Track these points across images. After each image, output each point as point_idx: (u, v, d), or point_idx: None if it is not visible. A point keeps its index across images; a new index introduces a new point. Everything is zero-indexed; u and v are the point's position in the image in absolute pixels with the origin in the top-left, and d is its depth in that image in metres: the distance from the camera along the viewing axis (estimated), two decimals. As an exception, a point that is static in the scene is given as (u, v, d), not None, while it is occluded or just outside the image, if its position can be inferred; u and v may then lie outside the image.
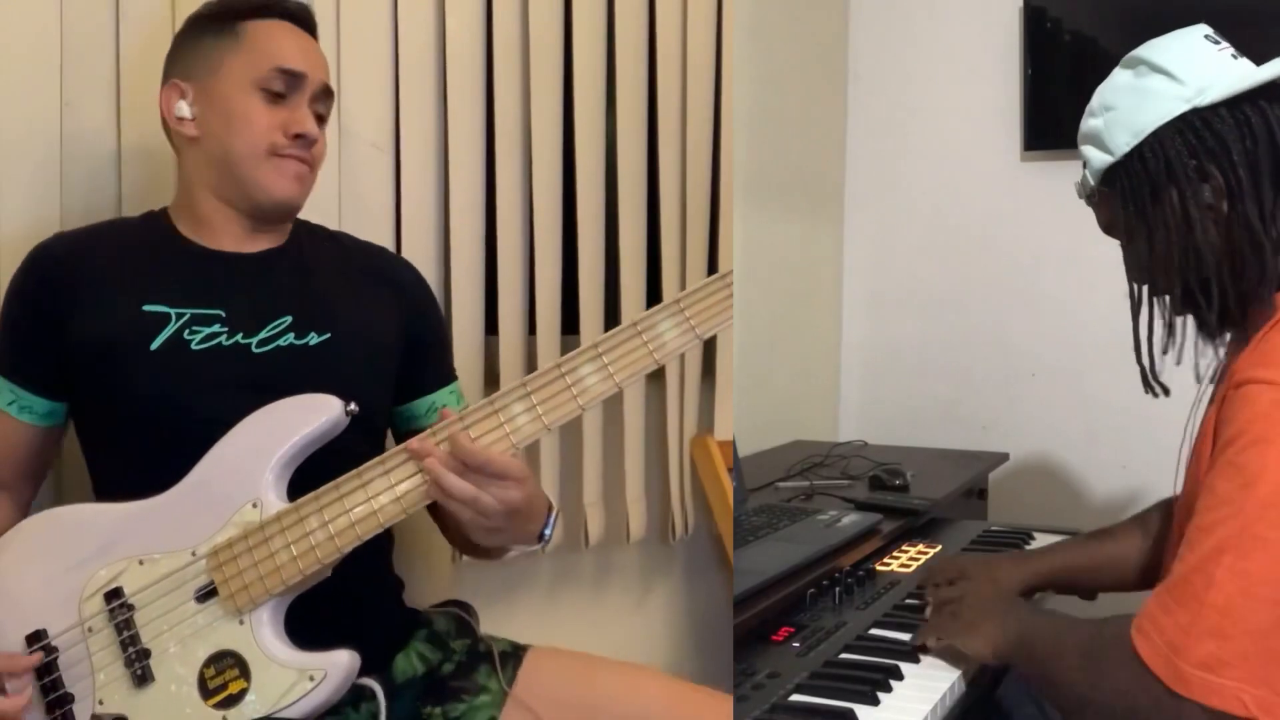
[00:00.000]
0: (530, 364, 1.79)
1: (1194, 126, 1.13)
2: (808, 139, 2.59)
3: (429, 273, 1.61)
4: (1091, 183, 1.24)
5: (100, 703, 1.14)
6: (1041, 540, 1.77)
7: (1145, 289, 1.22)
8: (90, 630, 1.16)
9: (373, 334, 1.33)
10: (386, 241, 1.65)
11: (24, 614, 1.17)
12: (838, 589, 1.41)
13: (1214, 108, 1.13)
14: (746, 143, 2.21)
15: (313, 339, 1.27)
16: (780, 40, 2.40)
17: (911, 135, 2.66)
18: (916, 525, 1.75)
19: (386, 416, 1.39)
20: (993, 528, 1.83)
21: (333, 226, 1.50)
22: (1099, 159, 1.21)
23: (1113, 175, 1.20)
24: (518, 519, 1.16)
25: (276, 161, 1.27)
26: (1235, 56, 1.17)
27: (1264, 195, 1.11)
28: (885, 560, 1.60)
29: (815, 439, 2.43)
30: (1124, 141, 1.17)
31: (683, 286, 1.88)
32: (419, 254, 1.68)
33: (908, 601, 1.42)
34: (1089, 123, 1.23)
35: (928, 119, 2.64)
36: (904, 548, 1.67)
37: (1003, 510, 2.28)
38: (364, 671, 1.17)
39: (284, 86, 1.27)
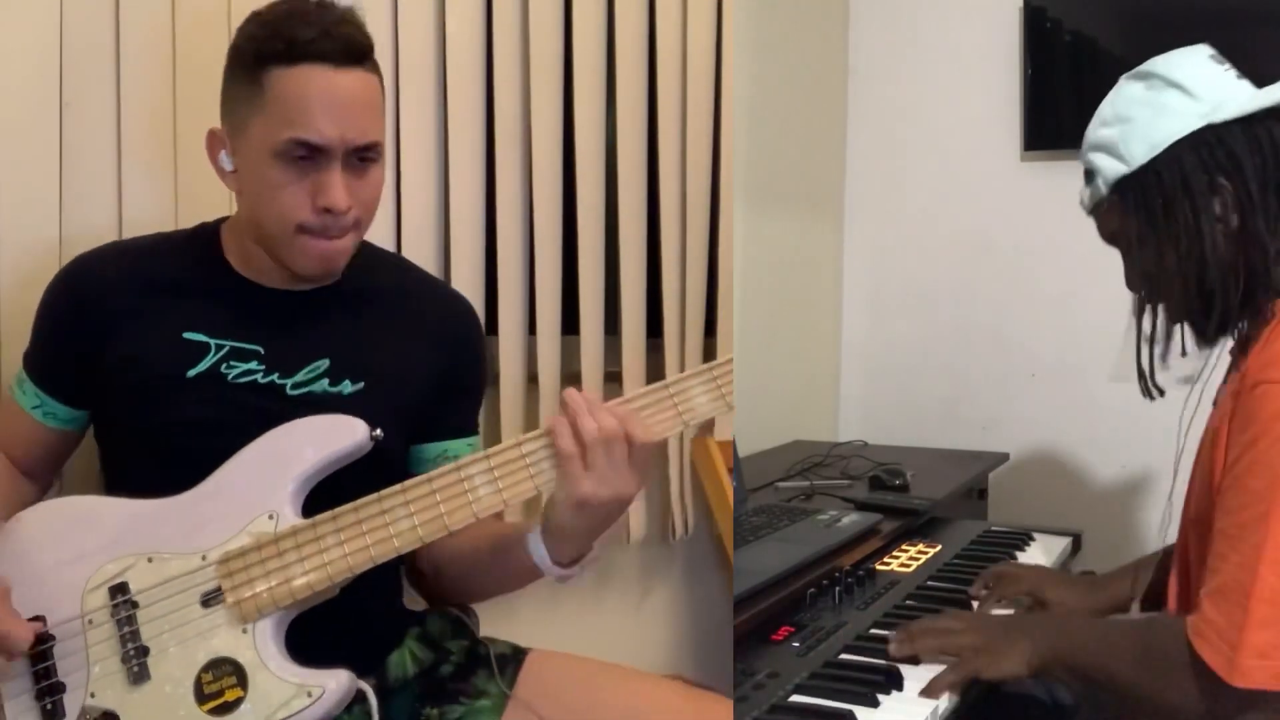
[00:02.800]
0: (530, 364, 1.80)
1: (1208, 142, 1.16)
2: (808, 139, 2.59)
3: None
4: (1103, 190, 1.24)
5: (92, 695, 1.13)
6: (1041, 540, 1.77)
7: (1142, 296, 1.24)
8: (91, 623, 1.15)
9: (406, 386, 1.29)
10: (387, 241, 1.65)
11: (24, 598, 1.15)
12: (838, 589, 1.41)
13: (1227, 125, 1.15)
14: (746, 143, 2.21)
15: (346, 388, 1.25)
16: (780, 40, 2.40)
17: (911, 135, 2.66)
18: (916, 525, 1.75)
19: (404, 461, 1.35)
20: (993, 528, 1.83)
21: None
22: (1112, 168, 1.22)
23: (1125, 185, 1.21)
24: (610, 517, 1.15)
25: (303, 241, 1.20)
26: (1239, 76, 1.20)
27: (1270, 210, 1.15)
28: (885, 560, 1.60)
29: (815, 439, 2.43)
30: (1140, 153, 1.19)
31: (683, 287, 1.88)
32: (419, 254, 1.68)
33: (908, 602, 1.43)
34: (1101, 132, 1.23)
35: (928, 119, 2.64)
36: (904, 548, 1.67)
37: (1003, 510, 2.28)
38: (358, 671, 1.16)
39: (307, 154, 1.16)
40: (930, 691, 1.14)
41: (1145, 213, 1.20)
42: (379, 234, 1.62)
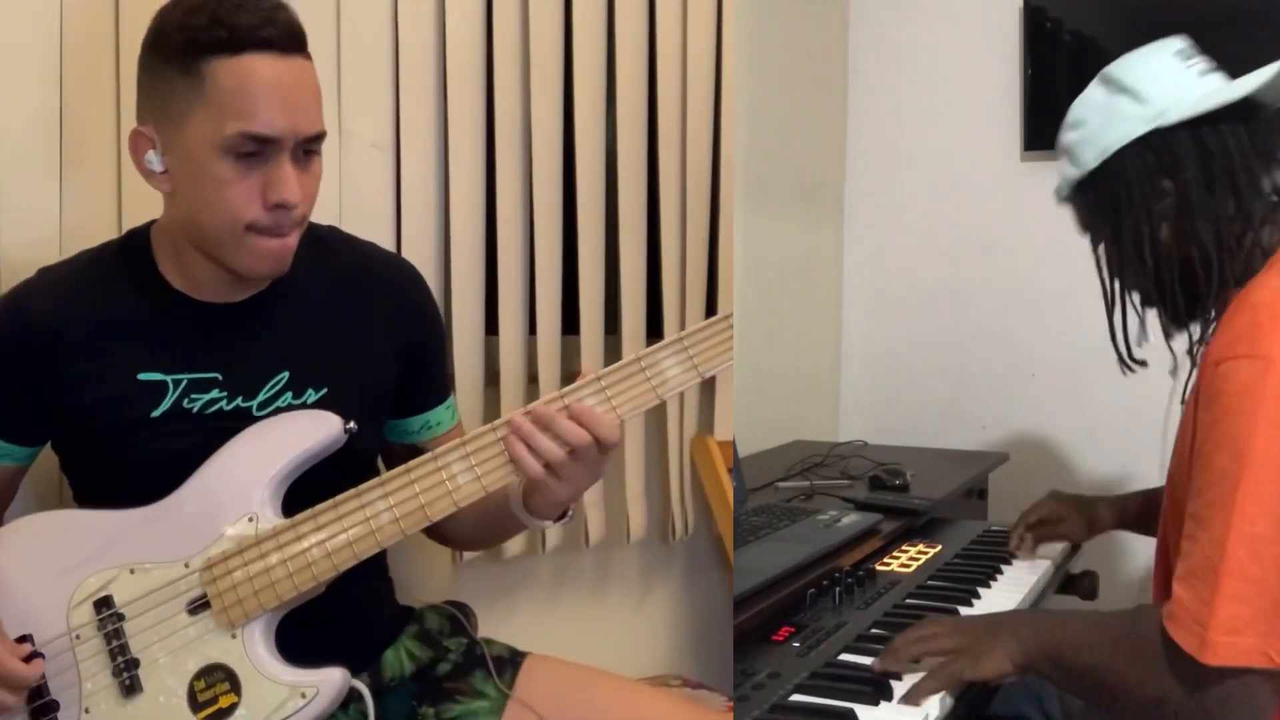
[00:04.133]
0: (530, 364, 1.80)
1: (1154, 147, 1.20)
2: (808, 139, 2.59)
3: (429, 273, 1.61)
4: (1064, 192, 1.32)
5: (86, 711, 1.13)
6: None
7: (1117, 283, 1.29)
8: (78, 638, 1.14)
9: (370, 378, 1.28)
10: (386, 241, 1.64)
11: (8, 617, 1.15)
12: (838, 589, 1.41)
13: (1174, 128, 1.19)
14: (746, 143, 2.21)
15: (310, 396, 1.23)
16: (780, 40, 2.40)
17: (911, 135, 2.66)
18: (916, 525, 1.75)
19: (378, 451, 1.36)
20: (993, 528, 1.83)
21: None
22: (1070, 172, 1.29)
23: (1081, 187, 1.28)
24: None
25: (252, 241, 1.14)
26: (1204, 73, 1.22)
27: (1220, 210, 1.17)
28: (885, 560, 1.60)
29: (815, 439, 2.43)
30: (1091, 158, 1.25)
31: (683, 287, 1.88)
32: (419, 254, 1.68)
33: (908, 601, 1.43)
34: (1065, 136, 1.30)
35: (928, 119, 2.64)
36: (904, 548, 1.67)
37: (1003, 510, 2.28)
38: (352, 669, 1.16)
39: (256, 148, 1.10)
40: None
41: (1098, 213, 1.26)
42: (379, 233, 1.63)
